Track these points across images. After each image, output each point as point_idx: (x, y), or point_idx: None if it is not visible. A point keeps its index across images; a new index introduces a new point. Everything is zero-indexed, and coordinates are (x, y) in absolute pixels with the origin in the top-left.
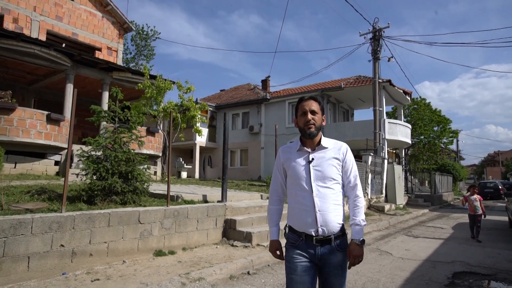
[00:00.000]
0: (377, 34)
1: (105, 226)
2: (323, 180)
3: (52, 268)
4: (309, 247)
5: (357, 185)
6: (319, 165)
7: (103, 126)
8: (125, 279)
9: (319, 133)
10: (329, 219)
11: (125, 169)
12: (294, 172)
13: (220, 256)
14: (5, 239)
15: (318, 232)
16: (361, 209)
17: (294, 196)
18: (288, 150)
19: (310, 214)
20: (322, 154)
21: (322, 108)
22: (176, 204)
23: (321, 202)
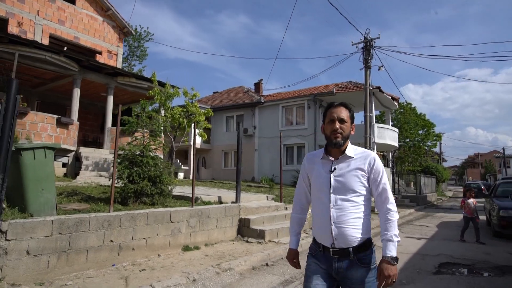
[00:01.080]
0: (368, 44)
1: (144, 224)
2: (343, 191)
3: (104, 260)
4: (327, 259)
5: (388, 198)
6: (341, 176)
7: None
8: (167, 269)
9: (346, 142)
10: (345, 233)
11: (154, 173)
12: (315, 182)
13: (239, 250)
14: (70, 235)
15: (334, 245)
16: (394, 223)
17: (314, 206)
18: (313, 158)
19: (326, 226)
20: (345, 164)
21: (351, 116)
22: (197, 205)
23: (338, 214)
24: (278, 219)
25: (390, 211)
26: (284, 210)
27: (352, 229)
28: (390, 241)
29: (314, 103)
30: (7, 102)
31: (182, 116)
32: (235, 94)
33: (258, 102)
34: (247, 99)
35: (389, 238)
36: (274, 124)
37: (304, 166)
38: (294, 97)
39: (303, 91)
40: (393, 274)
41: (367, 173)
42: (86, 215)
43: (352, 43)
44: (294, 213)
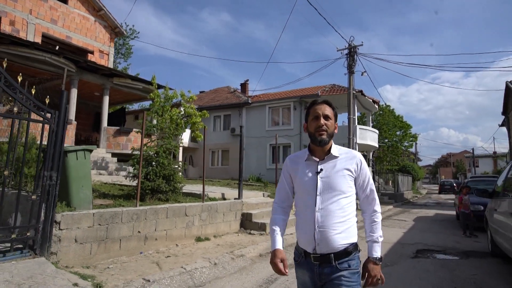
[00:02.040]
0: (352, 51)
1: (164, 218)
2: (330, 193)
3: (133, 248)
4: (309, 265)
5: (375, 199)
6: (328, 176)
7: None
8: (188, 256)
9: (330, 141)
10: (329, 238)
11: (168, 172)
12: (300, 184)
13: (245, 241)
14: (107, 226)
15: (315, 250)
16: (379, 224)
17: (299, 209)
18: (296, 159)
19: (309, 230)
20: (332, 164)
21: (335, 114)
22: (205, 201)
23: (323, 218)
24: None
25: (376, 213)
26: None
27: (336, 234)
28: (375, 242)
29: (299, 104)
30: (59, 111)
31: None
32: (222, 94)
33: (246, 103)
34: (235, 100)
35: (375, 239)
36: (261, 124)
37: (287, 167)
38: (280, 99)
39: (289, 93)
40: (378, 274)
41: (354, 174)
42: (119, 209)
43: (337, 49)
44: (274, 214)
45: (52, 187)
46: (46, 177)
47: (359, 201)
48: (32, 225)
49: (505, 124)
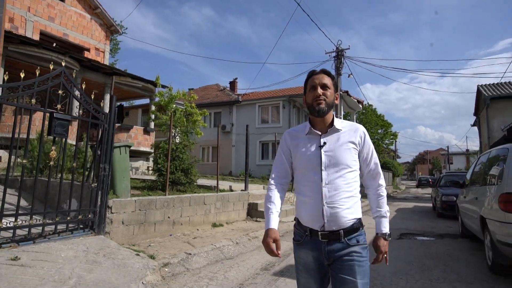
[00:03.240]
0: (340, 54)
1: (187, 206)
2: (336, 167)
3: (164, 231)
4: (315, 243)
5: (379, 173)
6: (332, 150)
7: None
8: (211, 237)
9: (330, 111)
10: (339, 213)
11: (186, 166)
12: (302, 159)
13: (254, 226)
14: (145, 211)
15: (324, 228)
16: (385, 199)
17: (301, 187)
18: (295, 134)
19: (316, 206)
20: (335, 137)
21: (335, 84)
22: (213, 191)
23: (331, 193)
24: None
25: (381, 187)
26: None
27: (345, 209)
28: (383, 217)
29: (288, 103)
30: (110, 113)
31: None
32: (211, 92)
33: (236, 101)
34: (225, 98)
35: (382, 214)
36: (250, 122)
37: (286, 141)
38: (270, 97)
39: (278, 91)
40: (387, 250)
41: (358, 147)
42: (154, 197)
43: (326, 51)
44: (270, 191)
45: (106, 177)
46: (101, 168)
47: (362, 175)
48: (91, 209)
49: (476, 124)
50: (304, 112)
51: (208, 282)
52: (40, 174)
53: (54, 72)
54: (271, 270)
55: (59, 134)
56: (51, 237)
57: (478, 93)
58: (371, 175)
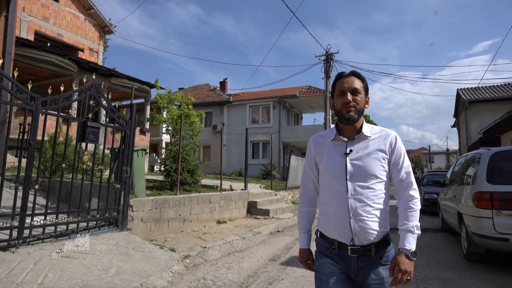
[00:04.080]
0: (329, 58)
1: (196, 204)
2: (362, 177)
3: (176, 227)
4: (343, 257)
5: (411, 183)
6: (359, 159)
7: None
8: (219, 233)
9: (360, 118)
10: (367, 227)
11: (192, 167)
12: (326, 167)
13: (255, 223)
14: (160, 210)
15: (353, 242)
16: (416, 212)
17: (325, 196)
18: (321, 139)
19: (343, 219)
20: (363, 144)
21: (365, 87)
22: (216, 191)
23: (358, 205)
24: (273, 202)
25: (414, 199)
26: (275, 196)
27: (374, 223)
28: (410, 232)
29: (278, 104)
30: (130, 119)
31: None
32: (202, 91)
33: (227, 101)
34: (216, 98)
35: (410, 228)
36: (241, 122)
37: (310, 150)
38: (261, 98)
39: (268, 92)
40: (409, 270)
41: (388, 155)
42: (167, 197)
43: (316, 55)
44: (302, 206)
45: (128, 179)
46: (124, 171)
47: (393, 185)
48: (116, 207)
49: (456, 126)
50: (293, 112)
51: (226, 271)
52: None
53: (87, 85)
54: (278, 261)
55: (91, 140)
56: (83, 233)
57: (457, 96)
58: (402, 185)
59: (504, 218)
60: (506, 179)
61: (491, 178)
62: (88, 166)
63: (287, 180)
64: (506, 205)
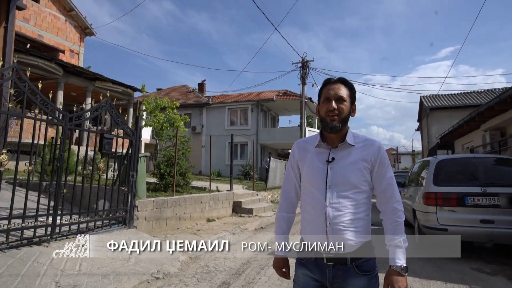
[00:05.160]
0: (305, 65)
1: (189, 204)
2: (343, 186)
3: (173, 225)
4: (319, 266)
5: (395, 195)
6: (341, 168)
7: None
8: (210, 230)
9: (345, 126)
10: (343, 236)
11: (184, 171)
12: (307, 174)
13: (241, 221)
14: (160, 209)
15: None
16: (402, 225)
17: (305, 204)
18: (305, 145)
19: (320, 227)
20: (346, 153)
21: (352, 95)
22: (205, 192)
23: (335, 214)
24: (256, 202)
25: (398, 211)
26: (257, 196)
27: (351, 232)
28: (398, 247)
29: (256, 107)
30: (136, 129)
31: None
32: (181, 93)
33: (206, 103)
34: (195, 100)
35: (397, 244)
36: (220, 124)
37: (294, 155)
38: (239, 101)
39: (247, 95)
40: (404, 287)
41: (371, 165)
42: (166, 198)
43: (292, 62)
44: (280, 211)
45: (134, 182)
46: (131, 175)
47: (376, 197)
48: (124, 208)
49: (419, 129)
50: (270, 115)
51: (224, 260)
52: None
53: (102, 102)
54: (265, 252)
55: (107, 150)
56: (98, 230)
57: (420, 103)
58: (385, 197)
59: (445, 212)
60: (447, 181)
61: (436, 181)
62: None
63: (266, 181)
64: (447, 202)
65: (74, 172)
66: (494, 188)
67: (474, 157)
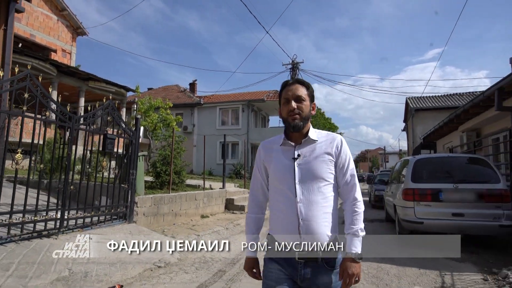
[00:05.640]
0: (295, 67)
1: (184, 201)
2: (311, 181)
3: (169, 221)
4: (290, 262)
5: (355, 186)
6: (307, 163)
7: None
8: (205, 225)
9: (307, 124)
10: (316, 231)
11: (179, 169)
12: (275, 172)
13: (233, 217)
14: (157, 206)
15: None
16: (360, 215)
17: (274, 202)
18: (270, 145)
19: (292, 223)
20: (310, 148)
21: (310, 94)
22: (199, 190)
23: (307, 209)
24: (247, 199)
25: (357, 202)
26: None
27: (323, 226)
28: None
29: (247, 107)
30: (136, 131)
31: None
32: (172, 92)
33: (198, 103)
34: (187, 99)
35: (354, 232)
36: (211, 123)
37: (260, 156)
38: (231, 101)
39: (238, 96)
40: (357, 273)
41: (334, 158)
42: (163, 195)
43: (283, 63)
44: (250, 213)
45: (133, 180)
46: (130, 173)
47: (339, 188)
48: (125, 204)
49: (405, 130)
50: (260, 115)
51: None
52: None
53: (105, 105)
54: None
55: (109, 149)
56: (101, 225)
57: (406, 104)
58: (347, 188)
59: (421, 207)
60: (424, 179)
61: (414, 178)
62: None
63: None
64: (423, 198)
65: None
66: (464, 184)
67: (448, 157)
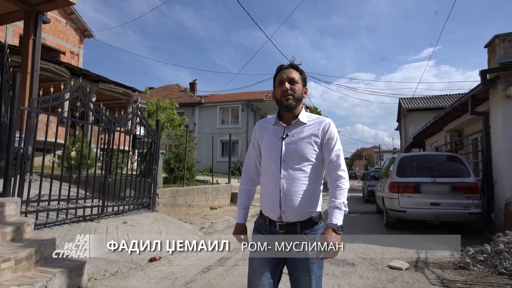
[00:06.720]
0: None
1: (196, 194)
2: (295, 160)
3: (184, 211)
4: (273, 233)
5: (340, 164)
6: (294, 143)
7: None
8: (215, 215)
9: (298, 106)
10: (295, 204)
11: (190, 166)
12: (265, 149)
13: None
14: (174, 197)
15: (281, 218)
16: (344, 191)
17: (264, 177)
18: (265, 124)
19: (274, 197)
20: (299, 130)
21: (303, 79)
22: (208, 184)
23: (288, 185)
24: None
25: (341, 178)
26: None
27: (303, 201)
28: (337, 208)
29: (247, 107)
30: (157, 131)
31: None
32: (173, 92)
33: (199, 103)
34: (187, 99)
35: (336, 205)
36: (212, 122)
37: (255, 133)
38: (230, 101)
39: (238, 95)
40: (336, 242)
41: (320, 139)
42: (179, 188)
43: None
44: (242, 184)
45: (155, 174)
46: (153, 168)
47: (324, 167)
48: (148, 195)
49: (399, 129)
50: (259, 114)
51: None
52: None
53: (134, 109)
54: None
55: (138, 148)
56: (130, 213)
57: (399, 104)
58: (332, 166)
59: (404, 198)
60: (406, 174)
61: (399, 173)
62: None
63: None
64: (406, 190)
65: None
66: (441, 178)
67: (428, 155)
